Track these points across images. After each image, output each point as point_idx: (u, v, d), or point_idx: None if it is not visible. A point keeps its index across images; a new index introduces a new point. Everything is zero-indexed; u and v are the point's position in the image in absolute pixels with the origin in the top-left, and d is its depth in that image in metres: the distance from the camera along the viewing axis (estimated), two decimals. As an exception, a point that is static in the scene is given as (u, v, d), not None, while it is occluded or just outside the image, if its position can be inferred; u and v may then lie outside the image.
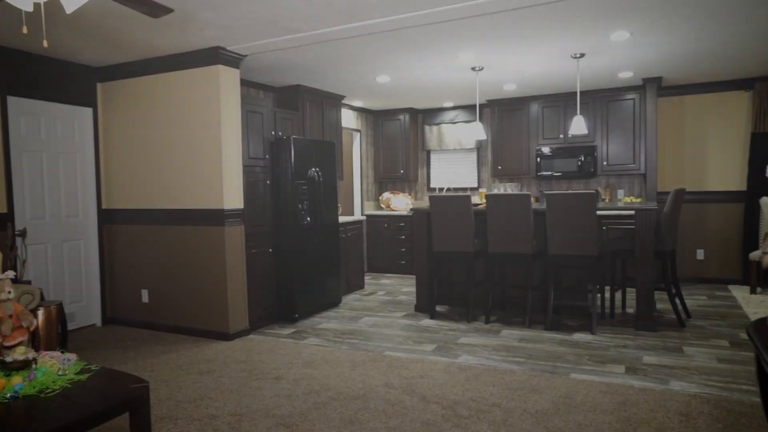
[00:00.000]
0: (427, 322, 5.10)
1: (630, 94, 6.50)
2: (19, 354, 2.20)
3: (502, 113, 7.24)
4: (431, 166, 8.32)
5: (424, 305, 5.50)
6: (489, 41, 4.45)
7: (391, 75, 5.67)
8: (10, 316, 2.23)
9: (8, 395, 2.07)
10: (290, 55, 4.76)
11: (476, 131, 5.77)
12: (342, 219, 6.41)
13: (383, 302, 6.01)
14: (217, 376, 3.70)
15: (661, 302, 5.46)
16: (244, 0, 3.37)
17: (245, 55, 4.64)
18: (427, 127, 8.13)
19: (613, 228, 5.74)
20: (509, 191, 7.13)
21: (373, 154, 8.28)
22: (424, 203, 8.29)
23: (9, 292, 2.24)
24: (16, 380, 2.13)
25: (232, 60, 4.57)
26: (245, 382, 3.57)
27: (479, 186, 7.91)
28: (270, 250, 5.15)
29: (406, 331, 4.79)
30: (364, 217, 7.49)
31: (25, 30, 2.12)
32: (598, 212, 4.65)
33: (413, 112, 8.03)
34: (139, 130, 4.95)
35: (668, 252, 4.69)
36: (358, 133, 7.90)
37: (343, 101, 7.22)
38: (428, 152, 8.31)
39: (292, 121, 5.68)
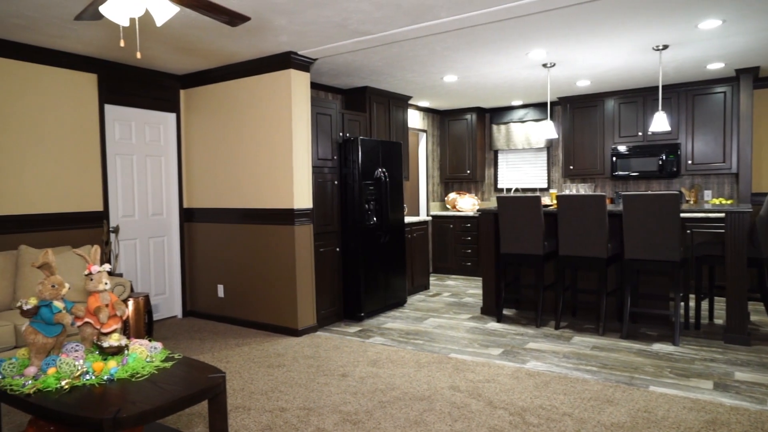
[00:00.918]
0: (493, 325, 5.02)
1: (720, 86, 6.06)
2: (114, 340, 2.40)
3: (575, 111, 6.98)
4: (498, 166, 8.17)
5: (491, 308, 5.42)
6: (561, 37, 4.31)
7: (458, 74, 5.63)
8: (107, 306, 2.43)
9: (105, 377, 2.26)
10: (358, 58, 4.85)
11: (547, 130, 5.61)
12: (408, 219, 6.44)
13: (448, 304, 5.98)
14: (286, 370, 3.84)
15: (756, 314, 5.06)
16: (316, 5, 3.47)
17: (315, 59, 4.78)
18: (494, 127, 7.99)
19: (699, 232, 5.38)
20: (582, 192, 6.87)
21: (439, 154, 8.25)
22: (491, 204, 8.16)
23: (105, 284, 2.44)
24: (112, 364, 2.32)
25: (303, 64, 4.71)
26: (313, 377, 3.68)
27: (549, 186, 7.68)
28: (337, 249, 5.26)
29: (472, 333, 4.74)
30: (430, 218, 7.48)
31: (122, 43, 2.30)
32: (682, 215, 4.36)
33: (480, 112, 7.93)
34: (216, 134, 5.22)
35: (764, 259, 4.34)
36: (424, 134, 7.90)
37: (410, 102, 7.25)
38: (496, 152, 8.17)
39: (359, 122, 5.78)
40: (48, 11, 3.45)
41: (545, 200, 6.70)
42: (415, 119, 7.62)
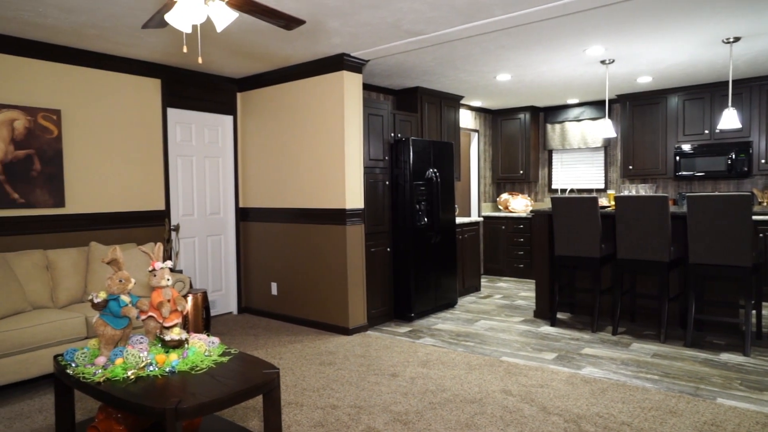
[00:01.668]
0: (547, 329, 4.90)
1: (794, 82, 5.66)
2: (176, 334, 2.50)
3: (635, 108, 6.70)
4: (553, 167, 7.96)
5: (544, 311, 5.29)
6: (621, 32, 4.15)
7: (511, 73, 5.52)
8: (169, 301, 2.54)
9: (167, 369, 2.37)
10: (411, 58, 4.84)
11: (605, 129, 5.42)
12: (459, 220, 6.38)
13: (500, 306, 5.88)
14: (337, 368, 3.88)
15: (832, 323, 4.70)
16: (370, 6, 3.49)
17: (367, 60, 4.81)
18: (549, 126, 7.79)
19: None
20: (642, 193, 6.58)
21: (491, 154, 8.13)
22: (545, 205, 7.96)
23: (168, 280, 2.56)
24: (173, 357, 2.42)
25: (356, 65, 4.76)
26: (363, 376, 3.70)
27: (607, 187, 7.41)
28: (388, 249, 5.28)
29: (524, 337, 4.64)
30: (481, 219, 7.38)
31: (185, 49, 2.39)
32: (754, 217, 4.10)
33: (534, 111, 7.75)
34: (271, 135, 5.35)
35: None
36: (476, 133, 7.80)
37: (461, 101, 7.18)
38: (550, 152, 7.96)
39: (410, 122, 5.78)
40: (119, 21, 3.65)
41: (602, 201, 6.47)
42: (466, 119, 7.54)
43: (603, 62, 5.07)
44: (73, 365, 2.46)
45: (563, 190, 7.82)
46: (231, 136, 5.62)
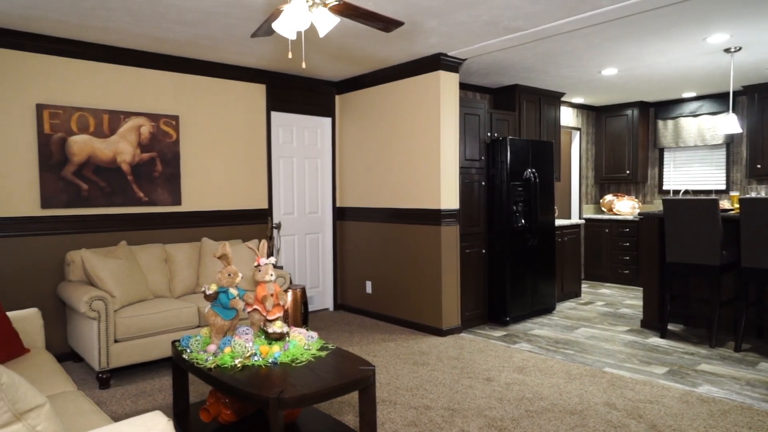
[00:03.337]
0: (656, 340, 4.54)
1: None
2: (278, 327, 2.63)
3: (765, 101, 6.01)
4: (664, 166, 7.36)
5: (653, 321, 4.90)
6: (750, 15, 3.74)
7: (618, 67, 5.19)
8: (272, 295, 2.68)
9: (270, 360, 2.49)
10: (509, 55, 4.71)
11: (728, 124, 4.91)
12: (558, 222, 6.11)
13: (603, 314, 5.54)
14: (430, 369, 3.87)
15: None
16: (467, 5, 3.44)
17: (464, 59, 4.75)
18: (660, 122, 7.22)
19: None
20: (771, 195, 5.89)
21: (594, 153, 7.70)
22: (655, 207, 7.39)
23: (271, 275, 2.69)
24: (276, 349, 2.55)
25: (452, 65, 4.72)
26: (457, 378, 3.66)
27: (728, 188, 6.72)
28: (483, 250, 5.18)
29: (630, 347, 4.34)
30: (583, 221, 7.00)
31: (290, 55, 2.51)
32: None
33: (643, 106, 7.22)
34: (367, 136, 5.46)
35: None
36: (578, 132, 7.42)
37: (562, 98, 6.87)
38: (661, 150, 7.38)
39: (508, 121, 5.62)
40: (230, 31, 3.91)
41: (724, 204, 5.88)
42: (567, 117, 7.20)
43: (727, 51, 4.60)
44: (188, 351, 2.67)
45: (676, 192, 7.21)
46: (329, 138, 5.81)
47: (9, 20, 3.61)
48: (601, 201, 7.69)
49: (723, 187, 6.77)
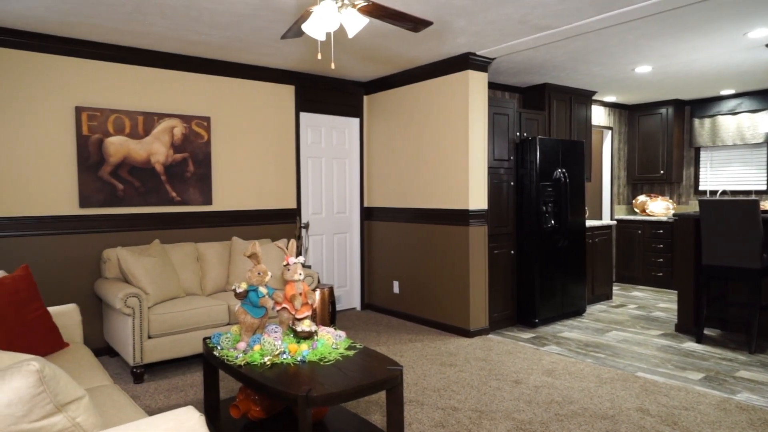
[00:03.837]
0: (691, 345, 4.41)
1: None
2: (306, 326, 2.66)
3: (808, 98, 5.78)
4: (700, 166, 7.15)
5: (688, 326, 4.77)
6: (793, 10, 3.60)
7: (653, 64, 5.06)
8: (300, 294, 2.70)
9: (298, 358, 2.52)
10: (539, 54, 4.65)
11: (768, 122, 4.73)
12: (589, 223, 6.00)
13: (635, 317, 5.41)
14: (458, 370, 3.85)
15: None
16: (496, 4, 3.41)
17: (493, 58, 4.71)
18: (696, 121, 7.01)
19: None
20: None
21: (626, 153, 7.53)
22: (690, 208, 7.18)
23: (300, 274, 2.72)
24: (304, 347, 2.57)
25: (481, 64, 4.68)
26: (485, 380, 3.63)
27: (768, 189, 6.48)
28: (511, 252, 5.12)
29: (663, 352, 4.23)
30: (614, 222, 6.85)
31: (319, 56, 2.53)
32: None
33: (678, 104, 7.02)
34: (395, 136, 5.46)
35: None
36: (610, 131, 7.27)
37: (594, 97, 6.74)
38: (697, 149, 7.17)
39: (537, 121, 5.55)
40: (260, 33, 3.96)
41: (765, 205, 5.68)
42: (599, 116, 7.06)
43: None
44: (219, 348, 2.72)
45: (713, 192, 6.99)
46: (357, 138, 5.84)
47: (49, 26, 3.74)
48: (633, 201, 7.52)
49: (763, 187, 6.54)
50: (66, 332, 3.00)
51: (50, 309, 2.99)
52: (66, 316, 3.03)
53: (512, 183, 5.11)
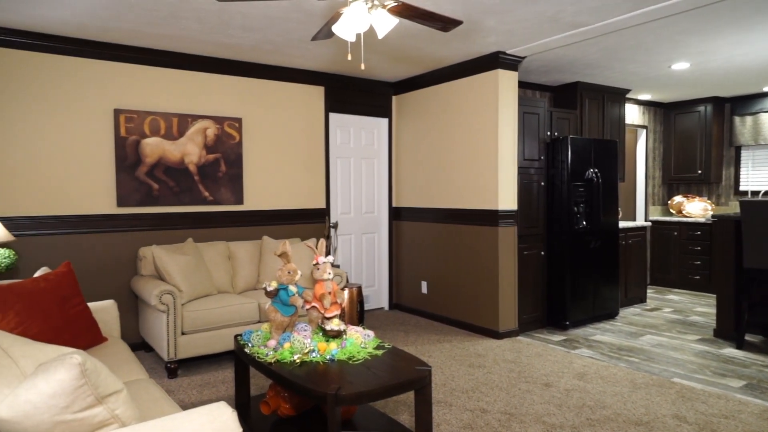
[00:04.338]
0: (731, 351, 4.26)
1: None
2: (335, 325, 2.68)
3: None
4: (741, 165, 6.90)
5: (728, 331, 4.61)
6: (842, 2, 3.44)
7: (690, 60, 4.91)
8: (329, 293, 2.73)
9: (327, 357, 2.54)
10: (571, 52, 4.57)
11: (814, 120, 4.54)
12: (622, 224, 5.86)
13: (670, 321, 5.27)
14: (486, 371, 3.82)
15: None
16: (527, 1, 3.37)
17: (524, 57, 4.65)
18: (737, 119, 6.78)
19: None
20: None
21: (661, 152, 7.33)
22: (730, 209, 6.94)
23: (329, 273, 2.75)
24: (333, 346, 2.59)
25: (511, 63, 4.63)
26: (514, 383, 3.59)
27: (814, 189, 6.21)
28: (542, 252, 5.05)
29: (701, 358, 4.10)
30: (649, 223, 6.68)
31: (349, 57, 2.55)
32: None
33: (717, 102, 6.80)
34: (424, 136, 5.45)
35: None
36: (644, 130, 7.09)
37: (627, 95, 6.58)
38: (737, 148, 6.92)
39: (568, 120, 5.45)
40: (290, 35, 4.01)
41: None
42: (633, 114, 6.90)
43: (814, 40, 4.26)
44: (250, 345, 2.77)
45: (755, 193, 6.74)
46: (386, 138, 5.85)
47: (88, 32, 3.87)
48: (669, 202, 7.31)
49: (808, 187, 6.27)
50: (104, 327, 3.09)
51: (90, 304, 3.09)
52: (104, 311, 3.13)
53: (542, 183, 5.04)
